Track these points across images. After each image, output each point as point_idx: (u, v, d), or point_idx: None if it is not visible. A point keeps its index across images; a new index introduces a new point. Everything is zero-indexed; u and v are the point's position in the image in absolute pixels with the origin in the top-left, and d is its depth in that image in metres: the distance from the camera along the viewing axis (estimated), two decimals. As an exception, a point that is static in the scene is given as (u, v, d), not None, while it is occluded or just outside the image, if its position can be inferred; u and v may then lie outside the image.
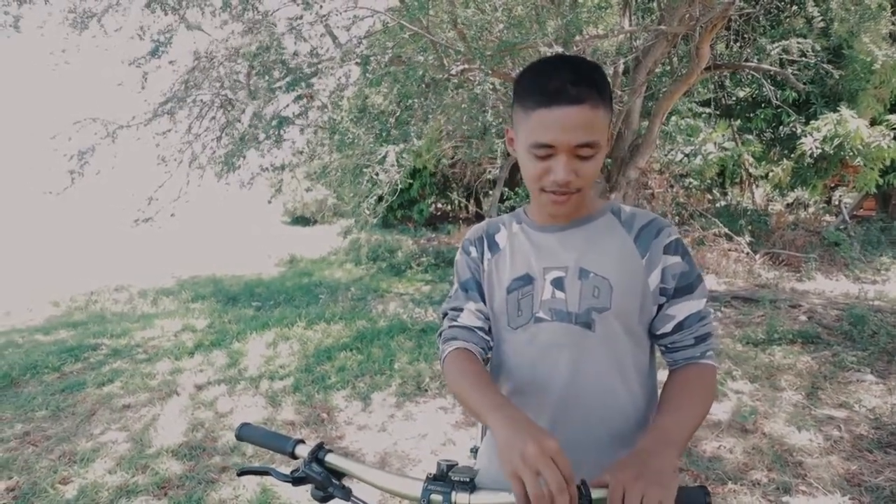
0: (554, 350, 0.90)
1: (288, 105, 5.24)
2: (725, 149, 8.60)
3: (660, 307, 0.90)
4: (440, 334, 1.01)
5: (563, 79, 0.77)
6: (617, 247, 0.89)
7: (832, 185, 9.34)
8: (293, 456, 0.89)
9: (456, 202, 13.44)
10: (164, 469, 2.63)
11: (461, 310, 1.00)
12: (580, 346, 0.89)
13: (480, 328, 0.98)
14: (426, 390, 3.55)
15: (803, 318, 4.64)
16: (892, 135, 6.20)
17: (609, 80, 0.83)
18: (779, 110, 7.09)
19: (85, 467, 2.65)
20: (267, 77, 5.12)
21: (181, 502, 2.35)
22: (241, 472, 0.94)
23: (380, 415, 3.23)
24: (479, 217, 12.09)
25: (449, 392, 3.23)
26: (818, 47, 5.76)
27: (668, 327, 0.90)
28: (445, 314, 1.02)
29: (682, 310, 0.89)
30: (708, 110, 7.87)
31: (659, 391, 0.93)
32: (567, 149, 0.79)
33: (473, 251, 1.02)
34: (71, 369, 4.12)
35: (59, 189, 5.20)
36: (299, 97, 4.58)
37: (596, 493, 0.69)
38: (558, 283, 0.90)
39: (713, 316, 0.93)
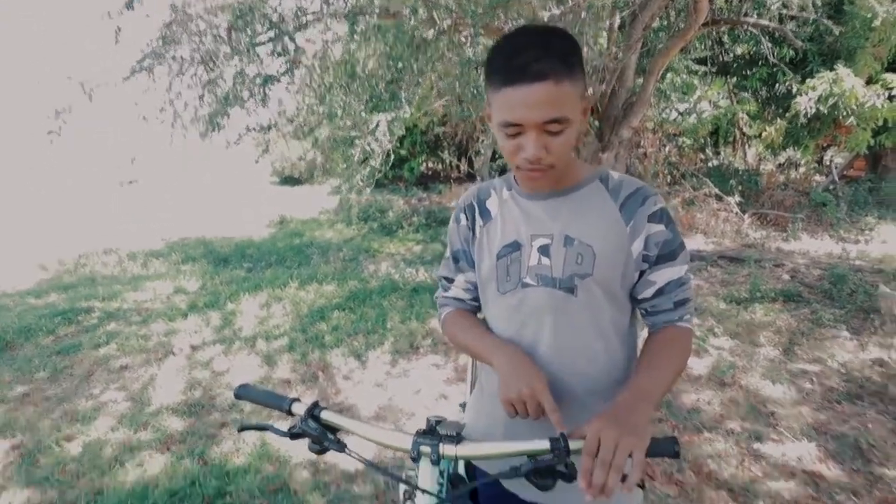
0: (539, 314, 0.94)
1: (273, 61, 5.08)
2: (720, 107, 8.52)
3: (642, 273, 0.94)
4: (436, 298, 1.17)
5: (525, 55, 0.77)
6: (602, 215, 0.92)
7: (824, 145, 9.34)
8: (290, 413, 0.93)
9: (447, 161, 13.30)
10: (166, 426, 2.72)
11: (452, 280, 1.11)
12: (563, 310, 0.93)
13: (470, 300, 1.11)
14: (418, 348, 3.64)
15: (786, 277, 4.76)
16: (886, 94, 6.17)
17: (578, 46, 0.82)
18: (775, 69, 6.99)
19: (87, 425, 2.74)
20: (249, 31, 4.93)
21: (184, 456, 2.45)
22: (242, 428, 0.99)
23: (374, 372, 3.33)
24: (470, 177, 12.00)
25: (451, 344, 3.30)
26: (819, 2, 5.63)
27: (649, 292, 0.94)
28: (439, 280, 1.14)
29: (662, 276, 0.93)
30: (704, 68, 7.74)
31: (639, 351, 0.98)
32: (534, 126, 0.79)
33: (464, 219, 1.05)
34: (65, 332, 4.16)
35: (39, 149, 5.08)
36: (284, 59, 4.44)
37: (574, 445, 0.74)
38: (544, 250, 0.93)
39: (693, 280, 0.97)
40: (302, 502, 2.13)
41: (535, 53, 0.76)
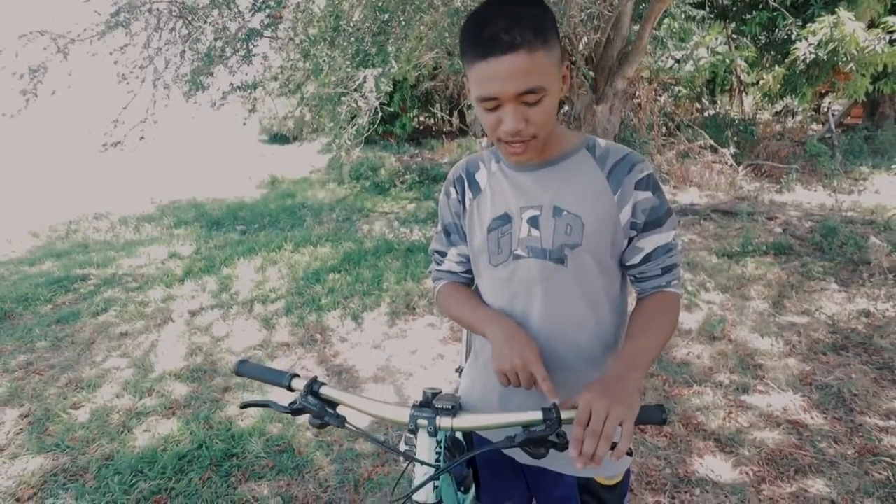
0: (530, 285, 0.95)
1: (254, 15, 4.85)
2: (718, 53, 8.29)
3: (630, 240, 0.94)
4: (430, 272, 1.17)
5: (494, 26, 0.75)
6: (590, 184, 0.92)
7: (822, 92, 9.18)
8: (290, 389, 0.95)
9: (439, 116, 12.99)
10: (170, 391, 2.78)
11: (444, 254, 1.11)
12: (553, 281, 0.94)
13: (463, 272, 1.12)
14: (415, 308, 3.69)
15: (778, 230, 4.80)
16: (887, 38, 6.01)
17: (551, 11, 0.79)
18: (775, 13, 6.76)
19: (92, 393, 2.79)
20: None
21: (189, 420, 2.52)
22: (244, 405, 1.01)
23: (372, 333, 3.39)
24: (462, 132, 11.77)
25: (445, 316, 3.35)
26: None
27: (637, 259, 0.95)
28: (432, 254, 1.15)
29: (650, 242, 0.93)
30: (702, 12, 7.46)
31: (628, 316, 1.00)
32: (511, 98, 0.78)
33: (454, 192, 1.05)
34: (63, 300, 4.17)
35: (14, 111, 4.90)
36: (266, 13, 4.23)
37: (566, 415, 0.77)
38: (533, 222, 0.94)
39: (686, 235, 0.97)
40: (306, 461, 2.22)
41: (504, 24, 0.75)
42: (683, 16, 7.63)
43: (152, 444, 2.35)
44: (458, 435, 1.21)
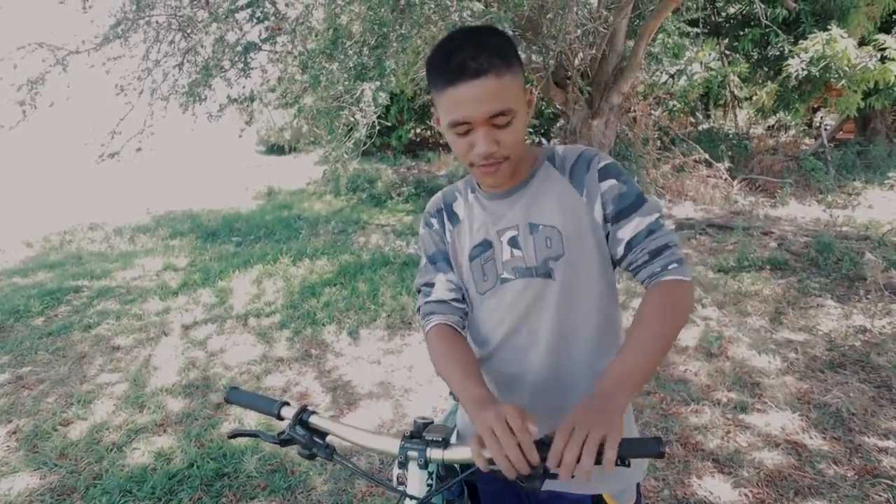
0: (521, 305, 0.95)
1: (253, 27, 4.87)
2: (711, 69, 8.39)
3: (608, 234, 0.92)
4: (419, 309, 1.05)
5: (462, 54, 0.78)
6: (557, 193, 0.93)
7: (814, 106, 9.29)
8: (279, 417, 0.93)
9: (435, 129, 13.07)
10: (162, 407, 2.74)
11: (433, 284, 1.04)
12: (544, 297, 0.93)
13: (454, 299, 1.03)
14: (411, 323, 3.67)
15: (773, 245, 4.82)
16: (878, 56, 6.10)
17: (512, 40, 0.84)
18: (767, 30, 6.85)
19: (84, 409, 2.74)
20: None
21: (181, 438, 2.48)
22: (233, 435, 0.99)
23: (368, 348, 3.36)
24: (460, 144, 11.82)
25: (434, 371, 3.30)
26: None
27: (620, 250, 0.91)
28: (419, 290, 1.06)
29: (627, 230, 0.90)
30: (696, 29, 7.57)
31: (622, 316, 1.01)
32: (482, 121, 0.80)
33: (435, 223, 1.05)
34: (55, 312, 4.12)
35: (12, 122, 4.88)
36: (265, 25, 4.25)
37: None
38: (513, 242, 0.94)
39: (671, 231, 0.94)
40: (299, 482, 2.18)
41: (471, 52, 0.78)
42: (677, 32, 7.75)
43: (142, 462, 2.31)
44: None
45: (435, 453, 0.82)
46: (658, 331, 0.82)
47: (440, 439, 0.84)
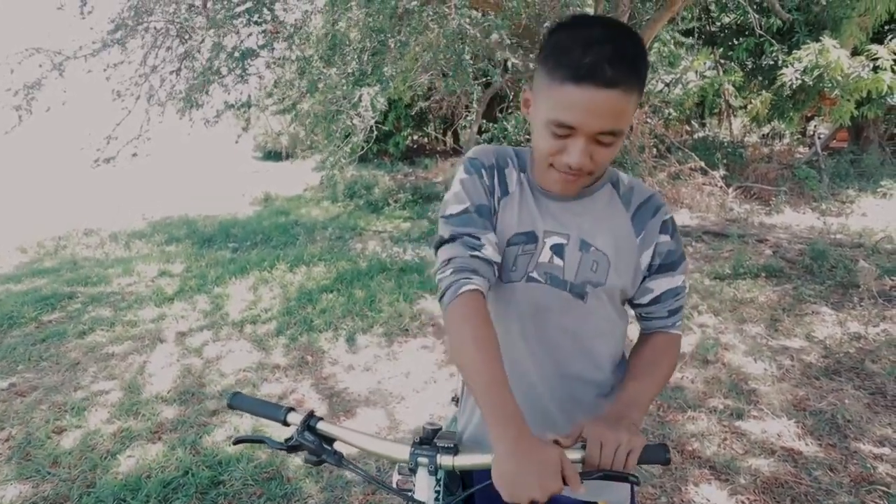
0: (541, 312, 0.93)
1: (251, 34, 4.89)
2: (706, 77, 8.48)
3: (643, 280, 0.93)
4: (449, 260, 0.85)
5: (601, 54, 0.69)
6: (616, 224, 0.91)
7: (808, 115, 9.38)
8: (285, 423, 0.92)
9: (433, 135, 13.10)
10: (156, 414, 2.72)
11: (479, 238, 0.86)
12: (570, 314, 0.92)
13: (497, 266, 0.89)
14: (408, 330, 3.66)
15: (769, 252, 4.84)
16: (871, 65, 6.18)
17: (647, 53, 0.76)
18: (761, 39, 6.94)
19: (77, 416, 2.72)
20: (225, 1, 4.72)
21: (175, 445, 2.46)
22: (237, 441, 0.98)
23: (365, 355, 3.34)
24: (456, 152, 11.87)
25: (449, 353, 3.22)
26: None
27: (646, 300, 0.94)
28: (454, 237, 0.86)
29: (661, 285, 0.93)
30: (691, 39, 7.65)
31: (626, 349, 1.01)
32: (588, 133, 0.74)
33: (486, 178, 0.91)
34: (49, 318, 4.09)
35: (7, 127, 4.87)
36: (262, 30, 4.27)
37: (571, 454, 0.75)
38: (558, 249, 0.90)
39: (686, 289, 0.97)
40: (295, 489, 2.16)
41: (609, 54, 0.69)
42: (673, 42, 7.82)
43: (137, 470, 2.29)
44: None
45: (445, 460, 0.83)
46: (662, 371, 0.92)
47: (451, 446, 0.84)
